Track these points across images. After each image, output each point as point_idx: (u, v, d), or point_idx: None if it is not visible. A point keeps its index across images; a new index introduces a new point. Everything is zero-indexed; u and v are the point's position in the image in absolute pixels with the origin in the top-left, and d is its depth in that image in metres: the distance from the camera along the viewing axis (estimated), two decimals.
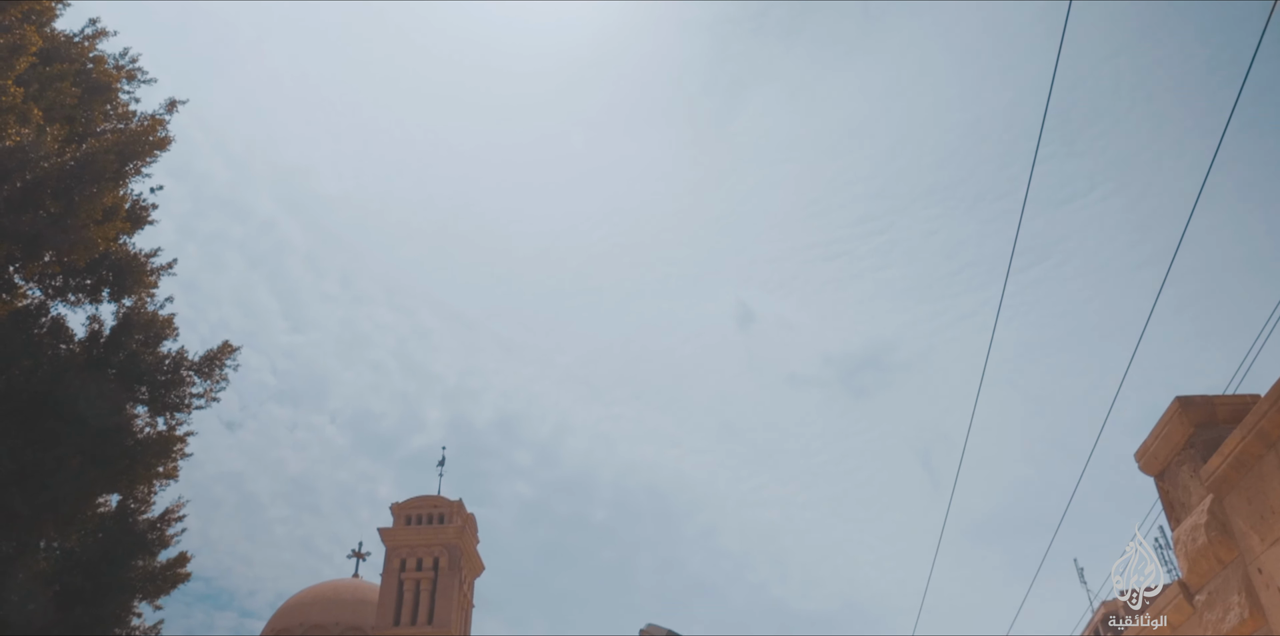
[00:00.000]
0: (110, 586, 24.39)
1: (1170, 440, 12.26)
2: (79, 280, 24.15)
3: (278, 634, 75.04)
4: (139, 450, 23.92)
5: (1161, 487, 12.74)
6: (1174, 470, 12.37)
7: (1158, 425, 12.39)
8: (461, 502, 60.77)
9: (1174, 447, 12.25)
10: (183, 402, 25.75)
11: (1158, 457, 12.65)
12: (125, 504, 26.28)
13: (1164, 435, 12.31)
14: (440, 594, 57.42)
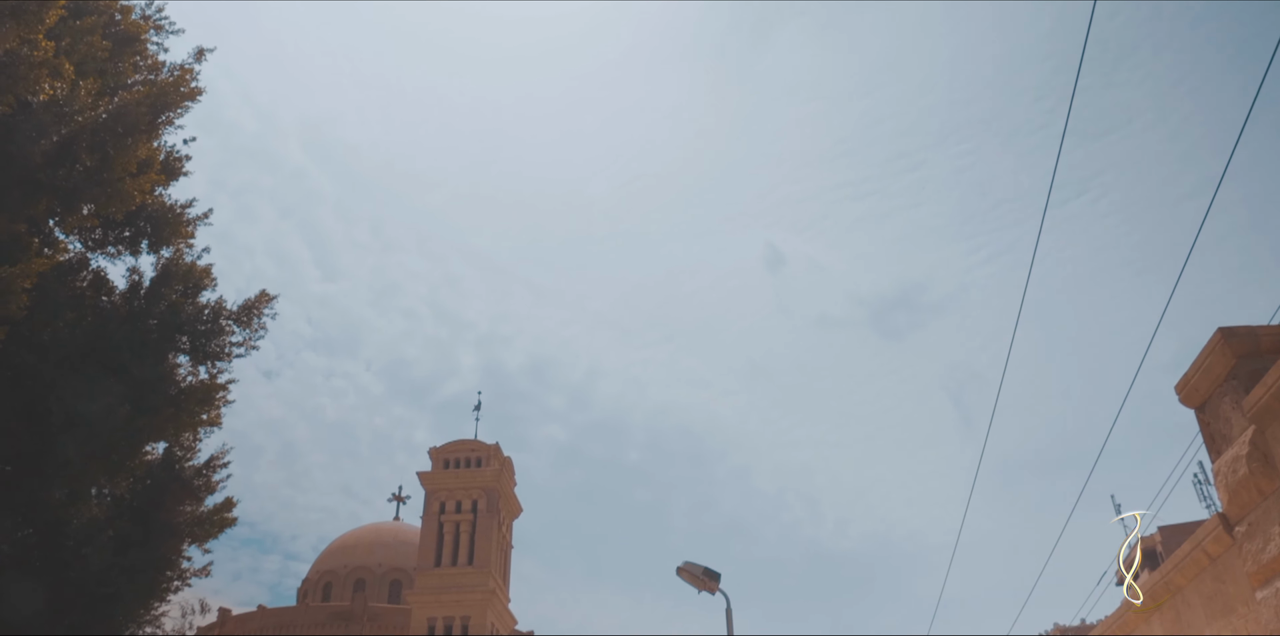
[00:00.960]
0: (160, 530, 24.97)
1: (1212, 372, 12.19)
2: (117, 232, 24.40)
3: (323, 575, 76.67)
4: (182, 398, 24.32)
5: (1202, 420, 12.70)
6: (1215, 402, 12.32)
7: (1199, 357, 12.32)
8: (498, 446, 61.44)
9: (1215, 379, 12.19)
10: (223, 351, 26.11)
11: (1199, 390, 12.59)
12: (171, 451, 26.80)
13: (1205, 367, 12.24)
14: (480, 535, 58.31)
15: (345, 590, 73.82)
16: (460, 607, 55.73)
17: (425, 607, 55.93)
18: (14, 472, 21.41)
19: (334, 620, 68.22)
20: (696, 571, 16.81)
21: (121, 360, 23.05)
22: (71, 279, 24.04)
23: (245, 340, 26.42)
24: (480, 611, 55.55)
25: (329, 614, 68.98)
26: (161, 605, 26.64)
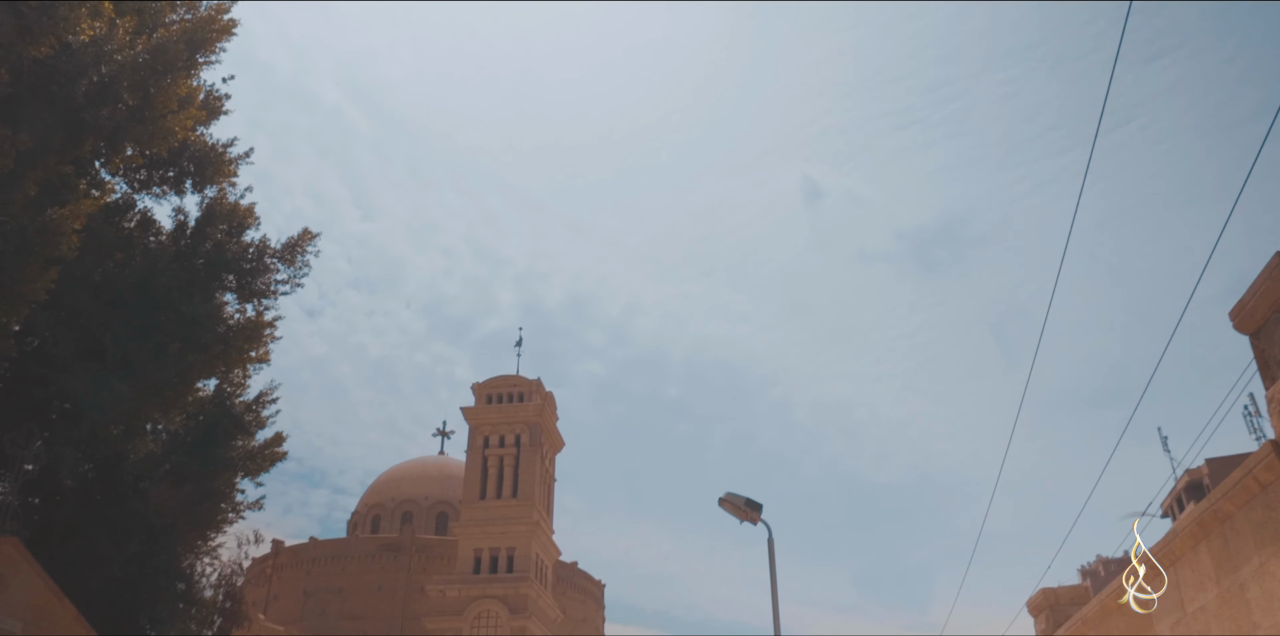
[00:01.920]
0: (214, 465, 25.57)
1: (1269, 296, 12.01)
2: (162, 172, 24.59)
3: (371, 508, 78.23)
4: (231, 335, 24.68)
5: (1256, 347, 12.56)
6: (1271, 327, 12.17)
7: (1256, 280, 12.13)
8: (540, 381, 61.91)
9: (1273, 303, 12.01)
10: (268, 289, 26.43)
11: (1254, 315, 12.43)
12: (222, 388, 27.31)
13: (1263, 291, 12.06)
14: (523, 469, 59.07)
15: (393, 522, 75.37)
16: (505, 539, 56.72)
17: (471, 539, 56.93)
18: (73, 409, 21.91)
19: (383, 551, 69.80)
20: (738, 502, 16.97)
21: (170, 299, 23.40)
22: (119, 220, 24.33)
23: (290, 278, 26.73)
24: (525, 543, 56.52)
25: (378, 545, 70.55)
26: (218, 536, 27.40)
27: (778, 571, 17.05)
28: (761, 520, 16.88)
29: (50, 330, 21.44)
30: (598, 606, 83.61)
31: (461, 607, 54.53)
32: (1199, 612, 8.70)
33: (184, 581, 27.18)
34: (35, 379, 21.12)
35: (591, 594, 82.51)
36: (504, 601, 54.36)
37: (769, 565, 17.00)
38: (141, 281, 23.04)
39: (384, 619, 67.36)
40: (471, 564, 56.65)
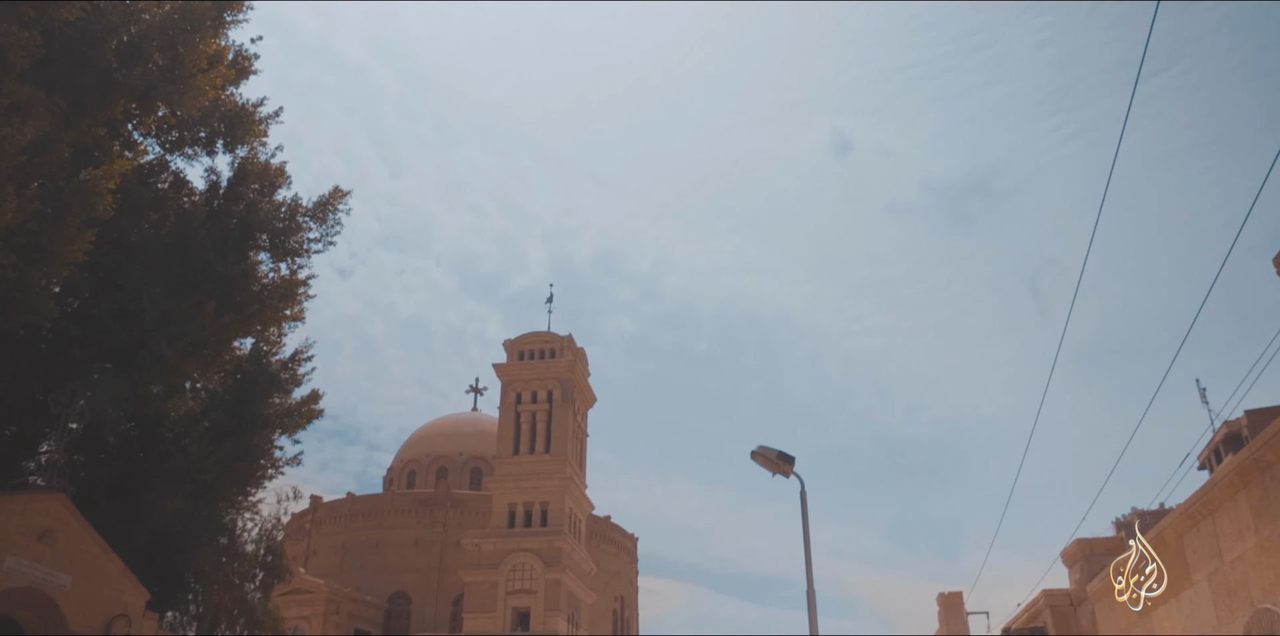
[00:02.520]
0: (252, 422, 25.91)
1: None
2: (193, 132, 24.68)
3: (406, 464, 79.17)
4: (265, 294, 24.89)
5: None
6: None
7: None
8: (571, 337, 62.14)
9: None
10: (301, 248, 26.58)
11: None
12: (258, 346, 27.59)
13: None
14: (556, 424, 59.49)
15: (428, 478, 76.26)
16: (539, 493, 57.30)
17: (505, 493, 57.56)
18: (114, 369, 22.21)
19: (419, 506, 70.72)
20: (770, 455, 17.00)
21: (205, 258, 23.60)
22: (153, 180, 24.48)
23: (322, 236, 26.87)
24: (558, 497, 57.08)
25: (414, 500, 71.47)
26: (258, 492, 27.86)
27: (810, 524, 17.14)
28: (794, 472, 16.93)
29: (89, 291, 21.70)
30: (631, 559, 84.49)
31: (497, 560, 55.26)
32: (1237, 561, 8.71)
33: (226, 536, 27.70)
34: (77, 339, 21.41)
35: (624, 547, 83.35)
36: (538, 554, 55.02)
37: (802, 517, 17.07)
38: (176, 242, 23.24)
39: (421, 572, 68.43)
40: (506, 518, 57.30)
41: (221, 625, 28.22)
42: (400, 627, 66.00)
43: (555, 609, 53.65)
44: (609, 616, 76.57)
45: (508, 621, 53.92)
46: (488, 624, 53.63)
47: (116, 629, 19.42)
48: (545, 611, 53.59)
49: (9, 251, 16.27)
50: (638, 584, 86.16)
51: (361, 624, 64.85)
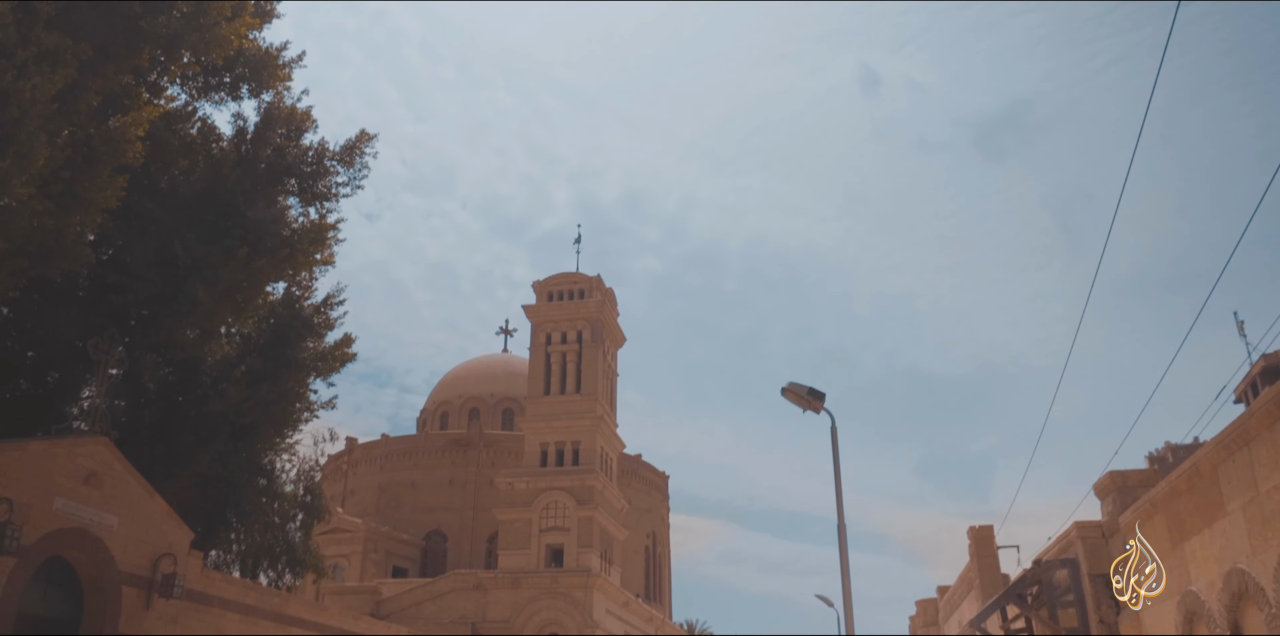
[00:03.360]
0: (287, 366, 26.21)
1: None
2: (219, 79, 24.64)
3: (439, 405, 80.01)
4: (296, 239, 24.99)
5: None
6: None
7: None
8: (600, 278, 62.17)
9: None
10: (329, 192, 26.64)
11: None
12: (290, 291, 27.82)
13: None
14: (585, 364, 59.82)
15: (461, 419, 77.10)
16: (570, 433, 57.82)
17: (537, 433, 58.12)
18: (150, 315, 22.49)
19: (452, 446, 71.62)
20: (801, 391, 17.07)
21: (236, 204, 23.71)
22: (181, 127, 24.52)
23: (350, 180, 26.89)
24: (589, 436, 57.60)
25: (447, 441, 72.36)
26: (295, 434, 28.29)
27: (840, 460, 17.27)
28: (824, 409, 17.01)
29: (123, 238, 21.89)
30: (662, 497, 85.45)
31: (530, 499, 56.00)
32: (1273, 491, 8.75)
33: (265, 477, 28.22)
34: (113, 286, 21.66)
35: (655, 485, 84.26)
36: (571, 492, 55.71)
37: (832, 453, 17.19)
38: (206, 188, 23.36)
39: (456, 510, 69.54)
40: (538, 457, 57.94)
41: (264, 563, 28.89)
42: (437, 565, 67.26)
43: (588, 545, 54.46)
44: (641, 552, 77.70)
45: (542, 558, 54.82)
46: (522, 560, 54.53)
47: (163, 567, 19.92)
48: (578, 548, 54.41)
49: (44, 199, 16.42)
50: (669, 521, 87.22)
51: (399, 561, 66.16)
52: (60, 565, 17.96)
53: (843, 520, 16.61)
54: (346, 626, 28.12)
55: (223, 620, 22.25)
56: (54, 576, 17.88)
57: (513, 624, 52.32)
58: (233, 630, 22.59)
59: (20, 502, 16.39)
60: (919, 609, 28.90)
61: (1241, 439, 8.61)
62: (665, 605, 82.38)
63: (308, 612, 26.27)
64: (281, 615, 24.60)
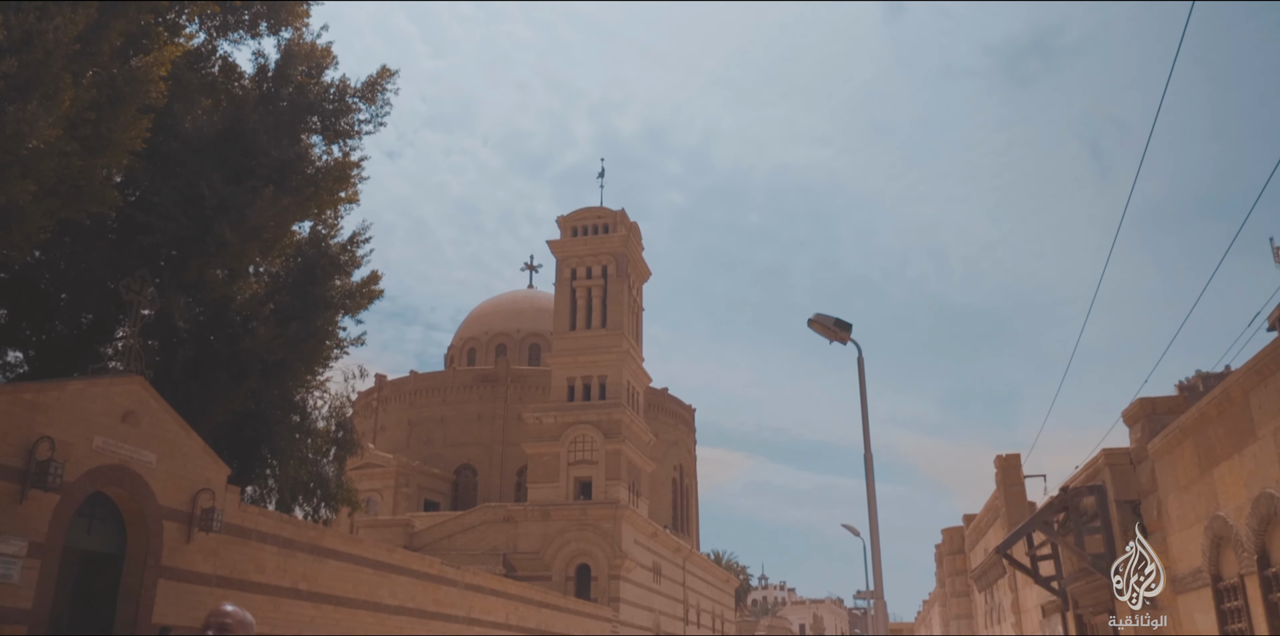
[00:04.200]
0: (315, 304, 26.40)
1: None
2: (237, 16, 24.47)
3: (466, 342, 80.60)
4: (320, 177, 25.01)
5: None
6: None
7: None
8: (624, 212, 62.05)
9: None
10: (352, 129, 26.58)
11: None
12: (316, 229, 27.90)
13: None
14: (611, 299, 60.01)
15: (488, 355, 77.71)
16: (596, 367, 58.25)
17: (564, 368, 58.58)
18: (179, 255, 22.66)
19: (480, 382, 72.29)
20: (827, 322, 17.10)
21: (259, 143, 23.70)
22: (202, 66, 24.43)
23: (372, 117, 26.80)
24: (616, 371, 58.00)
25: (475, 376, 73.03)
26: (325, 371, 28.58)
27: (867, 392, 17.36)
28: (851, 339, 17.05)
29: (149, 179, 21.97)
30: (689, 430, 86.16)
31: (558, 433, 56.64)
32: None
33: (298, 414, 28.61)
34: (141, 228, 21.79)
35: (682, 418, 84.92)
36: (598, 426, 56.28)
37: (859, 383, 17.28)
38: (230, 127, 23.34)
39: (485, 445, 70.47)
40: (565, 392, 58.47)
41: (299, 497, 29.45)
42: (467, 498, 68.39)
43: (616, 478, 55.18)
44: (669, 485, 78.63)
45: (570, 490, 55.62)
46: (551, 493, 55.36)
47: (202, 502, 20.34)
48: (606, 480, 55.15)
49: (71, 140, 16.48)
50: (696, 453, 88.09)
51: (430, 495, 67.29)
52: (102, 501, 18.38)
53: (869, 450, 16.76)
54: (381, 557, 28.70)
55: (261, 552, 22.76)
56: (97, 512, 18.31)
57: (543, 555, 53.30)
58: (271, 562, 23.12)
59: (61, 441, 16.73)
60: (945, 537, 29.19)
61: (1274, 364, 8.58)
62: (693, 536, 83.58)
63: (343, 545, 26.81)
64: (318, 547, 25.13)
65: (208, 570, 20.77)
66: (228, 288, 24.31)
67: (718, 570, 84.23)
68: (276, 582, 23.28)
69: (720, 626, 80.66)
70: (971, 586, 26.39)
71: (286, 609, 23.60)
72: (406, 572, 30.17)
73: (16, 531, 15.89)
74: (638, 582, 56.51)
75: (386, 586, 28.62)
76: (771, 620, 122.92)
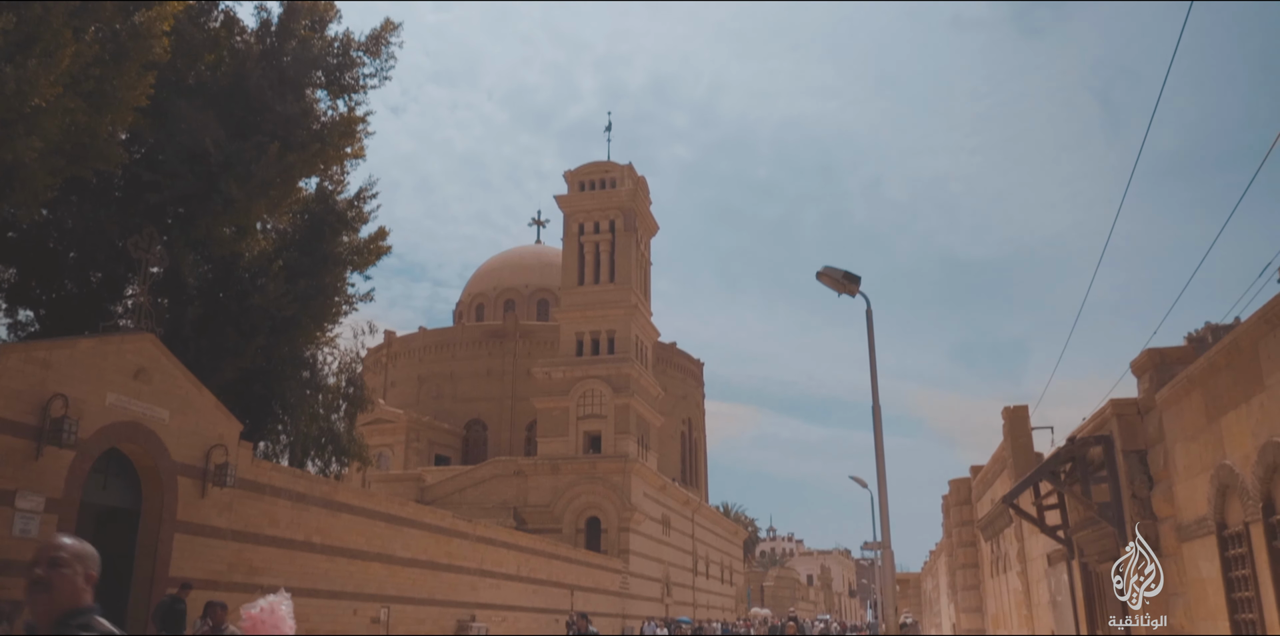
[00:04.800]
0: (323, 260, 26.45)
1: None
2: None
3: (474, 298, 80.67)
4: (326, 133, 24.92)
5: None
6: None
7: None
8: (631, 166, 61.73)
9: None
10: (357, 84, 26.44)
11: None
12: (323, 185, 27.86)
13: None
14: (619, 253, 59.92)
15: (496, 310, 77.81)
16: (605, 322, 58.31)
17: (572, 323, 58.66)
18: (186, 213, 22.65)
19: (489, 337, 72.47)
20: (836, 275, 17.06)
21: (264, 99, 23.58)
22: (204, 21, 24.24)
23: (377, 71, 26.65)
24: (624, 325, 58.08)
25: (483, 332, 73.18)
26: (334, 328, 28.72)
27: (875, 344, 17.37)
28: (860, 292, 17.03)
29: (154, 137, 21.89)
30: (697, 384, 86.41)
31: (567, 388, 56.87)
32: None
33: (309, 370, 28.77)
34: (148, 185, 21.76)
35: (691, 372, 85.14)
36: (607, 381, 56.49)
37: (868, 335, 17.29)
38: (234, 83, 23.21)
39: (495, 400, 70.81)
40: (574, 347, 58.61)
41: (311, 453, 29.71)
42: (477, 452, 68.86)
43: (625, 432, 55.49)
44: (678, 438, 79.05)
45: (580, 444, 55.98)
46: (561, 447, 55.72)
47: (215, 458, 20.52)
48: (616, 434, 55.47)
49: (75, 97, 16.41)
50: (704, 407, 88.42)
51: (441, 450, 67.77)
52: (117, 457, 18.56)
53: (878, 402, 16.82)
54: (394, 511, 28.98)
55: (275, 507, 23.00)
56: (112, 468, 18.50)
57: (553, 508, 53.78)
58: (285, 516, 23.37)
59: (75, 398, 16.86)
60: (952, 488, 29.38)
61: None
62: (702, 489, 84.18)
63: (356, 499, 27.08)
64: (331, 501, 25.38)
65: (223, 524, 21.01)
66: (236, 244, 24.33)
67: (726, 522, 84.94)
68: (291, 536, 23.56)
69: (729, 577, 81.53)
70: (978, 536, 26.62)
71: (301, 562, 23.90)
72: (418, 525, 30.49)
73: (34, 487, 16.08)
74: (647, 534, 57.05)
75: (399, 539, 28.95)
76: (780, 571, 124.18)
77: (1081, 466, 13.98)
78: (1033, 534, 19.02)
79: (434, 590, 30.98)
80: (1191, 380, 10.67)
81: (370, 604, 26.77)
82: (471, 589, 33.83)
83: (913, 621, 35.79)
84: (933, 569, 47.06)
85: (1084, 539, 14.88)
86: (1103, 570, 14.02)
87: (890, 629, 17.78)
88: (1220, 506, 10.07)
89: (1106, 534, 13.18)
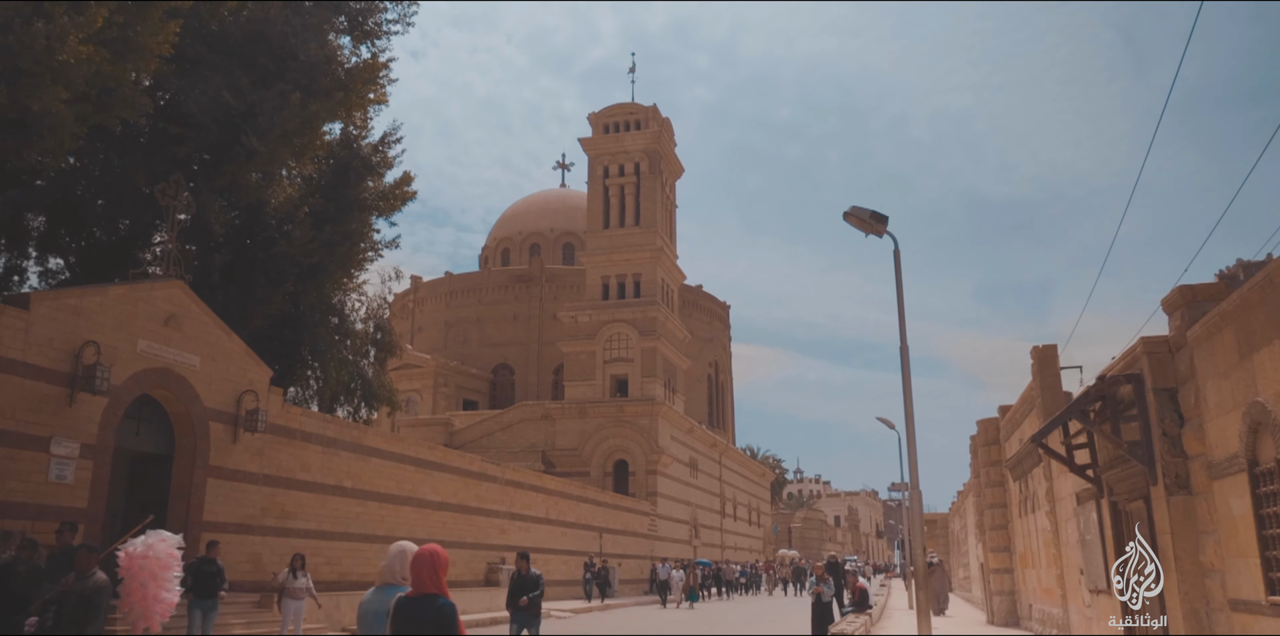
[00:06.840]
0: (349, 206, 26.44)
1: None
2: None
3: (500, 242, 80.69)
4: (349, 79, 24.74)
5: None
6: None
7: None
8: (655, 107, 61.16)
9: None
10: (380, 29, 26.20)
11: None
12: (347, 131, 27.76)
13: None
14: (644, 196, 59.63)
15: (522, 255, 77.84)
16: (630, 265, 58.24)
17: (598, 267, 58.62)
18: (211, 160, 22.64)
19: (515, 282, 72.58)
20: (864, 215, 16.90)
21: (287, 46, 23.41)
22: None
23: (400, 16, 26.39)
24: (650, 268, 57.98)
25: (509, 276, 73.29)
26: (361, 274, 28.81)
27: None
28: (887, 232, 16.88)
29: (178, 84, 21.82)
30: (723, 326, 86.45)
31: (593, 331, 57.02)
32: None
33: (337, 316, 28.96)
34: (173, 136, 21.74)
35: (717, 315, 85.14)
36: (633, 324, 56.57)
37: (895, 275, 17.17)
38: (256, 30, 23.03)
39: (521, 344, 71.11)
40: (600, 290, 58.64)
41: (341, 398, 30.02)
42: (505, 397, 69.36)
43: (652, 375, 55.69)
44: (704, 381, 79.30)
45: (607, 388, 56.26)
46: (588, 391, 56.02)
47: (246, 403, 20.76)
48: (642, 377, 55.69)
49: (100, 46, 16.34)
50: (731, 350, 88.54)
51: (469, 394, 68.28)
52: (149, 403, 18.81)
53: (905, 342, 16.76)
54: (423, 455, 29.32)
55: (306, 451, 23.30)
56: (144, 414, 18.76)
57: (581, 451, 54.24)
58: (316, 461, 23.68)
59: (106, 345, 17.04)
60: (980, 428, 29.36)
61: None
62: (728, 431, 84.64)
63: (385, 443, 27.38)
64: (360, 446, 25.68)
65: (255, 469, 21.32)
66: (262, 191, 24.35)
67: (753, 464, 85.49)
68: (322, 480, 23.90)
69: (757, 519, 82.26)
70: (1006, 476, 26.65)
71: (333, 506, 24.27)
72: (448, 469, 30.86)
73: (68, 434, 16.33)
74: (675, 477, 57.53)
75: (429, 483, 29.31)
76: (807, 512, 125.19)
77: (1111, 405, 13.91)
78: (1061, 473, 19.02)
79: (464, 533, 31.43)
80: (1224, 317, 10.55)
81: None
82: (501, 532, 34.31)
83: (938, 561, 36.06)
84: (960, 509, 47.28)
85: (1113, 477, 14.86)
86: (1132, 508, 14.02)
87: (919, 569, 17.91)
88: (1251, 444, 10.01)
89: (1136, 472, 13.15)
